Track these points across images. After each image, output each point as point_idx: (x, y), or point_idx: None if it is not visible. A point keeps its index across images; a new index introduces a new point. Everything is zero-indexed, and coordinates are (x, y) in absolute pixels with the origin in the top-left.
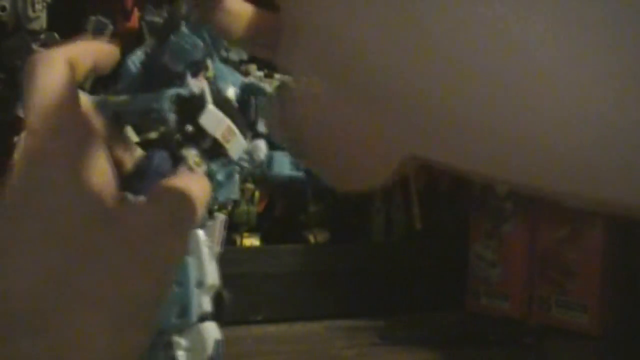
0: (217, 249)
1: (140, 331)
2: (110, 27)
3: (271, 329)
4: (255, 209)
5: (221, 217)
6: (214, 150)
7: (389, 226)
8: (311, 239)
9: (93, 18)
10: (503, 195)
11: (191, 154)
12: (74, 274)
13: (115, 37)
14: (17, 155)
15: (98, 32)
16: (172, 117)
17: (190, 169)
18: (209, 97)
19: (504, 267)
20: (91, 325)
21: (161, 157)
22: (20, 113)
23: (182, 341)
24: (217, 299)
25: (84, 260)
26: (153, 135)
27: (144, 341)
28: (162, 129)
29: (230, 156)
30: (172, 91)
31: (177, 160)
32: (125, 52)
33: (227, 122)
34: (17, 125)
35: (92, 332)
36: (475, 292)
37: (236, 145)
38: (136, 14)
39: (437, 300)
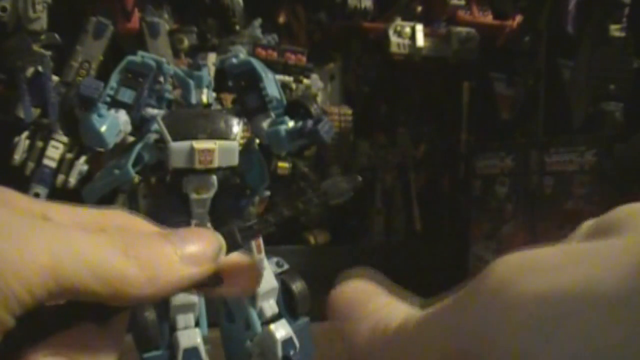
0: (258, 256)
1: None
2: (111, 27)
3: None
4: (255, 210)
5: None
6: None
7: (389, 227)
8: (311, 240)
9: (93, 19)
10: (503, 196)
11: None
12: None
13: (115, 37)
14: None
15: (98, 33)
16: None
17: None
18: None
19: None
20: None
21: None
22: (20, 113)
23: (255, 348)
24: (288, 296)
25: None
26: None
27: None
28: None
29: None
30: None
31: None
32: (126, 52)
33: None
34: (17, 125)
35: None
36: None
37: None
38: (136, 14)
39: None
